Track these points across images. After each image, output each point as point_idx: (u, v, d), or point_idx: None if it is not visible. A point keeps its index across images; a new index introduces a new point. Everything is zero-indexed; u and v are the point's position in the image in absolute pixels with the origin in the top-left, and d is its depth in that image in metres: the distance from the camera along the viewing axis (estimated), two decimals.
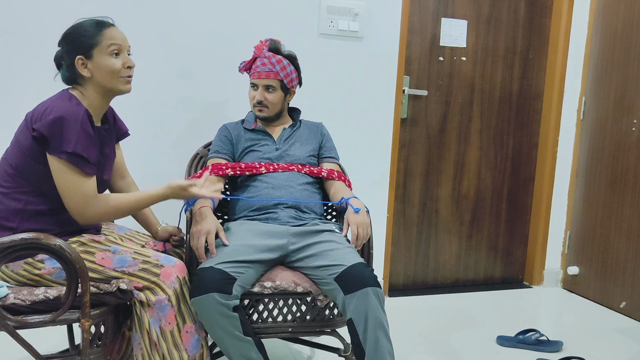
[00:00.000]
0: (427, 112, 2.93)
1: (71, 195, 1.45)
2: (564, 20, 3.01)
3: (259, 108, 1.99)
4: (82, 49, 1.51)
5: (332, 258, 1.65)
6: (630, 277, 2.77)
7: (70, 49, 1.51)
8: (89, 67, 1.52)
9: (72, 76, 1.54)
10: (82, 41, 1.51)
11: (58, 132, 1.40)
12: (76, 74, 1.52)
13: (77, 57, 1.51)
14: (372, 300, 1.56)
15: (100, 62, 1.52)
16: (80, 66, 1.51)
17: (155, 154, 2.42)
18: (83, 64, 1.51)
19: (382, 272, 2.85)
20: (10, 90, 2.23)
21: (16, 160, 1.47)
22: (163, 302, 1.51)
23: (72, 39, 1.52)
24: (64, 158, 1.42)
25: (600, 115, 2.98)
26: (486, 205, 3.13)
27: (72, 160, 1.42)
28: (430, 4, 2.85)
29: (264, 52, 1.98)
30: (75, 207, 1.46)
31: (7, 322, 1.37)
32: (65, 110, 1.42)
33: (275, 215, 1.85)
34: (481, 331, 2.50)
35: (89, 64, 1.52)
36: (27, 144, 1.45)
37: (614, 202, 2.87)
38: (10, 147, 1.51)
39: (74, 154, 1.42)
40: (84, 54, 1.51)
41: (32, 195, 1.48)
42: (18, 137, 1.49)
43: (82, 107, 1.46)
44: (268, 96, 1.97)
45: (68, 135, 1.41)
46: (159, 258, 1.55)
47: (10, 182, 1.48)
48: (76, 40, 1.51)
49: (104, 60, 1.52)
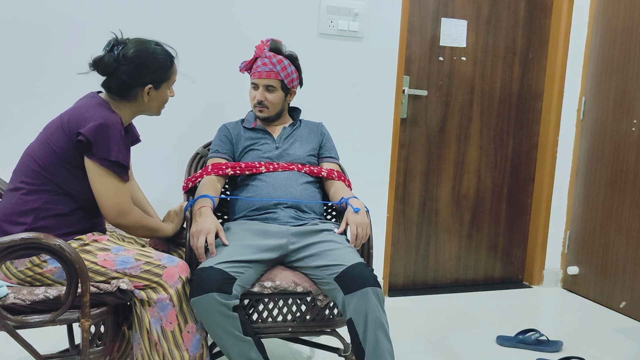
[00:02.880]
0: (427, 112, 2.93)
1: (109, 198, 1.50)
2: (564, 20, 3.01)
3: (260, 108, 1.99)
4: (156, 80, 1.58)
5: (332, 258, 1.65)
6: (630, 277, 2.77)
7: (142, 74, 1.55)
8: (152, 95, 1.59)
9: (124, 93, 1.57)
10: (159, 72, 1.58)
11: (102, 139, 1.45)
12: (131, 94, 1.57)
13: (149, 85, 1.56)
14: (372, 300, 1.56)
15: (162, 95, 1.63)
16: (145, 93, 1.57)
17: (156, 153, 2.42)
18: (149, 92, 1.58)
19: (382, 272, 2.85)
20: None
21: (45, 159, 1.49)
22: (164, 301, 1.51)
23: (149, 66, 1.56)
24: (106, 165, 1.47)
25: (600, 115, 2.98)
26: (486, 205, 3.13)
27: (113, 168, 1.48)
28: (430, 4, 2.85)
29: (265, 52, 1.98)
30: (111, 208, 1.50)
31: (7, 322, 1.37)
32: (107, 117, 1.46)
33: (275, 215, 1.85)
34: (481, 331, 2.50)
35: (152, 93, 1.59)
36: (62, 145, 1.47)
37: (613, 202, 2.87)
38: (36, 144, 1.52)
39: (116, 162, 1.48)
40: (155, 85, 1.58)
41: (53, 194, 1.49)
42: (49, 137, 1.50)
43: (118, 115, 1.51)
44: (268, 96, 1.97)
45: (111, 143, 1.46)
46: (162, 258, 1.55)
47: (33, 179, 1.49)
48: (154, 70, 1.57)
49: (164, 93, 1.64)
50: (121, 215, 1.52)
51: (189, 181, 1.94)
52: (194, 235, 1.66)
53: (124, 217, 1.53)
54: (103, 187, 1.49)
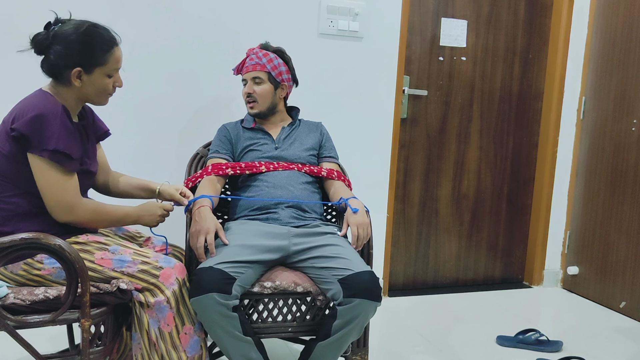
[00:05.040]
0: (427, 112, 2.93)
1: (52, 195, 1.42)
2: (564, 20, 3.01)
3: (251, 104, 2.01)
4: (86, 63, 1.46)
5: (338, 262, 1.64)
6: (630, 277, 2.77)
7: (71, 55, 1.44)
8: (83, 79, 1.47)
9: (57, 75, 1.47)
10: (90, 56, 1.45)
11: (38, 130, 1.37)
12: (64, 77, 1.47)
13: (77, 68, 1.45)
14: (367, 314, 1.60)
15: (96, 81, 1.49)
16: (74, 76, 1.46)
17: (156, 153, 2.42)
18: (79, 76, 1.47)
19: (382, 272, 2.85)
20: None
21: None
22: (162, 304, 1.51)
23: (79, 48, 1.44)
24: (46, 156, 1.39)
25: (600, 115, 2.97)
26: (486, 205, 3.13)
27: (54, 158, 1.40)
28: (430, 4, 2.85)
29: (253, 51, 2.02)
30: (55, 206, 1.44)
31: (7, 322, 1.37)
32: (43, 107, 1.39)
33: (276, 215, 1.85)
34: (481, 331, 2.50)
35: (84, 77, 1.47)
36: (7, 146, 1.42)
37: (613, 202, 2.87)
38: None
39: (55, 151, 1.39)
40: (85, 68, 1.46)
41: (20, 197, 1.46)
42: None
43: (59, 103, 1.43)
44: (256, 88, 1.98)
45: (48, 133, 1.38)
46: (159, 259, 1.54)
47: None
48: (84, 52, 1.44)
49: (100, 79, 1.49)
50: (69, 211, 1.44)
51: (189, 181, 1.94)
52: (193, 235, 1.66)
53: (73, 212, 1.45)
54: (45, 183, 1.41)
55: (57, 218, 1.46)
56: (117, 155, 2.31)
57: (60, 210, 1.44)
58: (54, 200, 1.43)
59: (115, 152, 2.25)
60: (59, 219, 1.46)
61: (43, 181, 1.42)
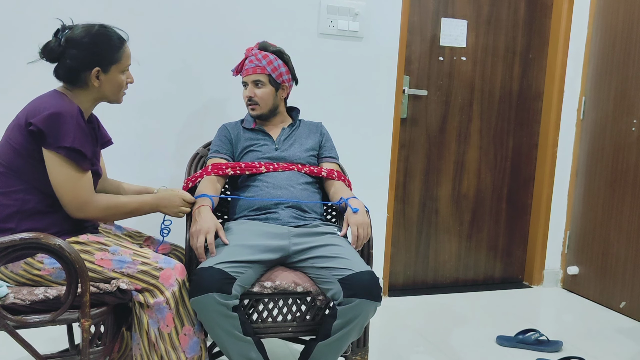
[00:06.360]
0: (427, 112, 2.93)
1: (67, 190, 1.45)
2: (564, 20, 3.01)
3: (252, 106, 2.00)
4: (103, 62, 1.53)
5: (338, 262, 1.64)
6: (630, 277, 2.77)
7: (87, 57, 1.50)
8: (101, 79, 1.54)
9: (74, 79, 1.53)
10: (105, 55, 1.53)
11: (55, 127, 1.41)
12: (81, 80, 1.53)
13: (95, 68, 1.52)
14: (367, 314, 1.59)
15: (113, 78, 1.57)
16: (93, 77, 1.52)
17: (156, 153, 2.42)
18: (97, 76, 1.53)
19: (382, 272, 2.85)
20: None
21: (8, 158, 1.47)
22: (161, 305, 1.51)
23: (95, 49, 1.51)
24: (62, 153, 1.43)
25: (600, 115, 2.98)
26: (486, 205, 3.13)
27: (69, 155, 1.44)
28: (430, 4, 2.85)
29: (252, 52, 2.00)
30: (70, 202, 1.47)
31: (7, 322, 1.37)
32: (60, 106, 1.43)
33: (276, 215, 1.85)
34: (481, 331, 2.50)
35: (102, 76, 1.54)
36: (20, 140, 1.44)
37: (613, 202, 2.87)
38: (0, 147, 1.50)
39: (71, 149, 1.43)
40: (103, 67, 1.53)
41: (27, 194, 1.47)
42: (8, 135, 1.48)
43: (75, 104, 1.48)
44: (257, 91, 1.97)
45: (65, 131, 1.42)
46: (159, 260, 1.54)
47: (4, 182, 1.47)
48: (100, 52, 1.51)
49: (116, 77, 1.57)
50: (83, 207, 1.48)
51: (189, 181, 1.94)
52: (193, 235, 1.66)
53: (86, 209, 1.48)
54: (60, 178, 1.44)
55: (72, 214, 1.49)
56: (117, 155, 2.31)
57: (74, 207, 1.48)
58: (69, 196, 1.46)
59: (115, 152, 2.25)
60: (74, 216, 1.49)
61: (58, 178, 1.45)
